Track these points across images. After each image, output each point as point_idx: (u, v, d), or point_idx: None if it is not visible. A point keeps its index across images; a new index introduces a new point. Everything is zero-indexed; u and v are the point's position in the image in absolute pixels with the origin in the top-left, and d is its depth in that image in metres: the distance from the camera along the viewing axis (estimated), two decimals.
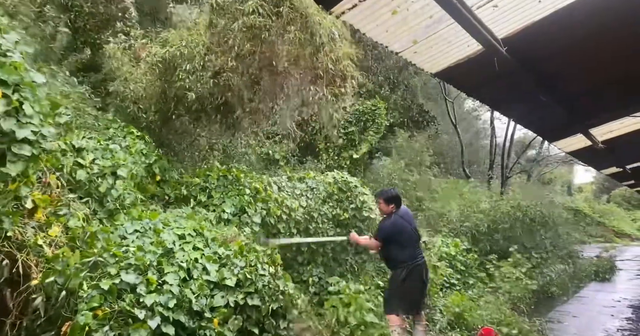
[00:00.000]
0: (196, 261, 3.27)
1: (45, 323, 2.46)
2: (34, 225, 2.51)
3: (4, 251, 2.30)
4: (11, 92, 2.27)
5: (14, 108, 2.24)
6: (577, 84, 5.24)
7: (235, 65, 4.84)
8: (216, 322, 2.97)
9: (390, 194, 4.68)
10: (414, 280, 4.34)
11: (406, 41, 4.11)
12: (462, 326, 5.68)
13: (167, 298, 2.83)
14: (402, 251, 4.39)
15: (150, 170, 4.54)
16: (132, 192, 3.82)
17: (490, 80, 4.93)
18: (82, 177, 3.25)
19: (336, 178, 6.19)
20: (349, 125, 11.10)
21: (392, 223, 4.46)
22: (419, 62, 4.59)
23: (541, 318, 6.38)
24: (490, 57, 4.05)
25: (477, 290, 7.30)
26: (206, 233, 3.76)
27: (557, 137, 8.20)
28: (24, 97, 2.30)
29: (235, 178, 5.05)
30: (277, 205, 5.09)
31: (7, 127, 2.19)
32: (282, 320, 3.25)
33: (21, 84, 2.32)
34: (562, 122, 6.68)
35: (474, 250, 9.01)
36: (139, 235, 3.37)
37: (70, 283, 2.48)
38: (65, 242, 2.67)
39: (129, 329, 2.54)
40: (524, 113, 6.52)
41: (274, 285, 3.33)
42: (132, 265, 2.87)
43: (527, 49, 4.15)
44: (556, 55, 4.37)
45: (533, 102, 5.44)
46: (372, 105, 11.25)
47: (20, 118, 2.26)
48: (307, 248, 5.52)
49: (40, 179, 2.69)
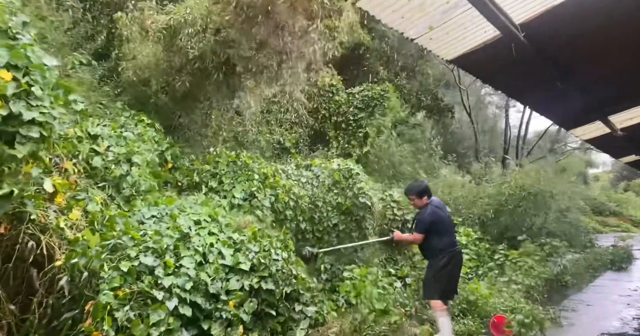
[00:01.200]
0: (211, 246, 3.34)
1: (70, 302, 2.55)
2: (55, 209, 2.58)
3: (28, 233, 2.39)
4: (21, 75, 2.29)
5: (24, 91, 2.27)
6: (597, 70, 5.10)
7: (232, 18, 4.80)
8: (232, 304, 3.05)
9: (421, 188, 4.69)
10: (453, 266, 4.42)
11: (422, 27, 4.04)
12: (474, 314, 5.69)
13: (184, 280, 2.91)
14: (441, 239, 4.43)
15: (163, 157, 4.62)
16: (147, 179, 3.89)
17: (507, 67, 4.83)
18: (97, 163, 3.33)
19: (340, 165, 6.18)
20: (359, 111, 10.99)
21: (430, 214, 4.48)
22: (435, 48, 4.52)
23: (555, 306, 6.36)
24: (507, 43, 3.97)
25: (489, 278, 7.27)
26: (220, 219, 3.83)
27: (574, 125, 8.04)
28: (34, 80, 2.33)
29: (244, 164, 5.11)
30: (285, 191, 5.14)
31: (16, 109, 2.21)
32: (295, 303, 3.31)
33: (30, 67, 2.34)
34: (580, 109, 6.53)
35: (486, 238, 8.96)
36: (156, 220, 3.46)
37: (92, 264, 2.56)
38: (85, 225, 2.75)
39: (148, 309, 2.62)
40: (540, 101, 6.39)
41: (287, 270, 3.39)
42: (150, 248, 2.95)
43: (545, 35, 4.04)
44: (575, 40, 4.24)
45: (550, 89, 5.32)
46: (382, 90, 11.10)
47: (30, 101, 2.28)
48: (313, 235, 5.56)
49: (58, 165, 2.75)
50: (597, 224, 19.66)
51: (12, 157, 2.19)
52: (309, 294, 3.44)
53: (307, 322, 3.30)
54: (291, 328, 3.24)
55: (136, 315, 2.56)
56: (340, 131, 10.90)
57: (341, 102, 11.07)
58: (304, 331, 3.23)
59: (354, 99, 11.12)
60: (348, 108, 11.00)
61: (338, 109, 11.03)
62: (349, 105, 11.05)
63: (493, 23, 3.73)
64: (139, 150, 3.72)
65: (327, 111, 11.00)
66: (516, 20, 3.83)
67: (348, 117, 10.90)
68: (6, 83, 2.21)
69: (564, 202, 10.35)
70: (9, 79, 2.22)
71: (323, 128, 10.99)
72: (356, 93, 11.20)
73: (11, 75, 2.24)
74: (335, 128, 10.94)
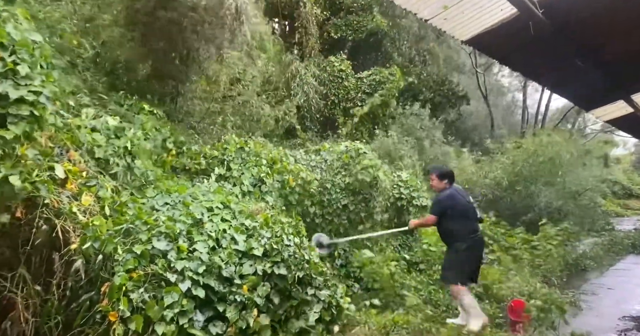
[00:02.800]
0: (224, 232, 3.37)
1: (87, 284, 2.62)
2: (68, 195, 2.63)
3: (43, 217, 2.44)
4: (8, 54, 2.23)
5: (10, 70, 2.22)
6: (620, 46, 4.87)
7: None
8: (245, 288, 3.07)
9: (444, 170, 4.64)
10: (473, 253, 4.33)
11: (436, 7, 3.92)
12: (490, 298, 5.64)
13: (197, 264, 2.94)
14: (461, 225, 4.32)
15: (165, 145, 4.57)
16: (153, 169, 3.90)
17: (524, 46, 4.67)
18: (100, 155, 3.34)
19: (347, 146, 6.13)
20: (367, 96, 10.88)
21: (447, 196, 4.39)
22: (449, 28, 4.39)
23: (574, 290, 6.25)
24: (525, 21, 3.82)
25: (505, 263, 7.18)
26: (233, 206, 3.85)
27: (594, 105, 7.76)
28: (21, 58, 2.26)
29: (252, 149, 5.10)
30: (293, 176, 5.12)
31: (2, 89, 2.16)
32: (308, 288, 3.32)
33: (16, 44, 2.28)
34: (602, 88, 6.30)
35: (502, 223, 8.82)
36: (169, 208, 3.50)
37: (106, 248, 2.60)
38: (97, 210, 2.79)
39: (162, 291, 2.66)
40: (559, 81, 6.18)
41: (300, 255, 3.39)
42: (162, 233, 2.99)
43: (564, 11, 3.86)
44: (597, 16, 4.04)
45: (569, 68, 5.13)
46: (389, 74, 10.95)
47: (18, 80, 2.22)
48: (323, 219, 5.56)
49: (62, 154, 2.78)
50: (619, 207, 19.15)
51: (3, 139, 2.15)
52: (322, 278, 3.44)
53: (320, 306, 3.30)
54: (304, 311, 3.25)
55: (151, 296, 2.60)
56: (349, 117, 10.83)
57: (350, 88, 10.97)
58: (317, 315, 3.24)
59: (362, 84, 11.01)
60: (356, 93, 10.90)
61: (347, 95, 10.94)
62: (357, 90, 10.95)
63: (510, 0, 3.60)
64: (138, 142, 3.69)
65: (337, 97, 10.92)
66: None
67: (356, 102, 10.82)
68: None
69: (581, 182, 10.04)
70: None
71: (332, 114, 10.93)
72: (364, 78, 11.08)
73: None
74: (344, 115, 10.87)
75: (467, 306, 4.20)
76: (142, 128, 4.00)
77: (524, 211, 9.18)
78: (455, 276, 4.32)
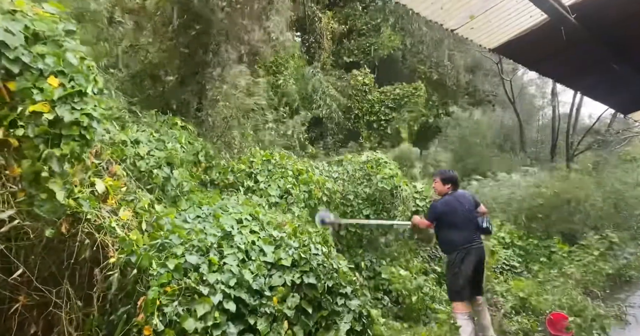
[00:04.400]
0: (253, 244, 3.42)
1: (125, 297, 2.72)
2: (108, 209, 2.77)
3: (85, 232, 2.58)
4: (67, 80, 2.45)
5: (69, 95, 2.43)
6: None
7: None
8: (275, 300, 3.10)
9: (448, 174, 4.57)
10: (468, 264, 4.17)
11: (462, 17, 3.95)
12: (528, 311, 5.42)
13: (228, 277, 3.00)
14: (455, 233, 4.22)
15: (197, 158, 4.75)
16: (188, 180, 4.07)
17: (556, 52, 4.59)
18: (142, 167, 3.52)
19: (369, 156, 6.14)
20: (390, 111, 10.93)
21: (443, 203, 4.33)
22: (476, 37, 4.39)
23: (619, 303, 5.91)
24: (556, 26, 3.77)
25: (542, 275, 6.88)
26: (261, 217, 3.92)
27: (633, 109, 7.49)
28: (79, 84, 2.48)
29: (278, 161, 5.20)
30: (319, 187, 5.17)
31: (61, 113, 2.37)
32: (338, 297, 3.31)
33: (74, 72, 2.50)
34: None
35: (535, 235, 8.49)
36: (200, 220, 3.61)
37: (142, 262, 2.71)
38: (135, 225, 2.92)
39: (194, 304, 2.72)
40: (593, 85, 6.01)
41: (328, 264, 3.40)
42: (195, 246, 3.08)
43: (598, 14, 3.78)
44: (632, 18, 3.94)
45: (604, 72, 5.00)
46: (413, 88, 10.98)
47: (75, 105, 2.43)
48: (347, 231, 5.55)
49: (107, 169, 2.95)
50: None
51: (52, 157, 2.33)
52: (351, 287, 3.41)
53: (351, 316, 3.28)
54: (335, 321, 3.24)
55: (184, 309, 2.67)
56: (373, 131, 10.89)
57: (374, 101, 11.05)
58: (348, 325, 3.21)
59: (385, 98, 11.08)
60: (380, 107, 10.98)
61: (371, 108, 11.03)
62: (380, 104, 11.03)
63: (540, 6, 3.57)
64: (176, 153, 3.88)
65: (360, 110, 11.01)
66: (565, 1, 3.64)
67: (380, 116, 10.89)
68: (54, 89, 2.38)
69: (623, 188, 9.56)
70: (56, 85, 2.39)
71: (356, 128, 11.01)
72: (388, 92, 11.15)
73: (58, 81, 2.42)
74: (367, 128, 10.93)
75: (460, 331, 3.99)
76: (178, 142, 4.20)
77: (560, 220, 8.80)
78: (456, 292, 4.17)
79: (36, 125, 2.32)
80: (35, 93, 2.34)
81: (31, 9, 2.53)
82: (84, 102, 2.45)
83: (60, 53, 2.48)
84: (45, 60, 2.42)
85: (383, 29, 12.37)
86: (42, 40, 2.47)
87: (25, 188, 2.34)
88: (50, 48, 2.47)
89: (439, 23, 4.10)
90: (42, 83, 2.38)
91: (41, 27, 2.47)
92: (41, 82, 2.38)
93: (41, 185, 2.35)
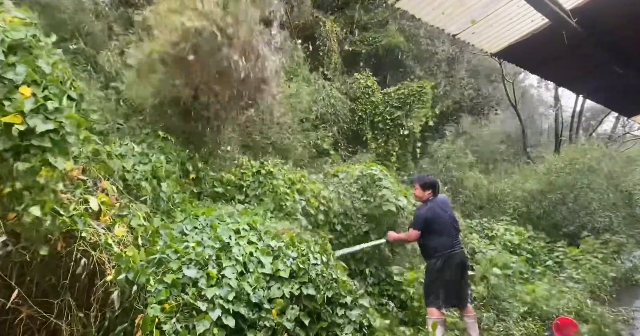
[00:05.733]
0: (251, 255, 3.39)
1: (122, 314, 2.69)
2: (102, 226, 2.75)
3: (80, 250, 2.56)
4: (40, 89, 2.35)
5: (42, 105, 2.32)
6: None
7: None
8: (274, 313, 3.06)
9: (428, 180, 4.52)
10: (451, 270, 4.15)
11: (463, 22, 3.97)
12: (535, 316, 5.36)
13: (227, 291, 2.96)
14: (437, 239, 4.22)
15: (184, 169, 4.60)
16: (178, 192, 4.01)
17: (557, 56, 4.61)
18: (129, 180, 3.43)
19: (362, 171, 5.96)
20: (395, 109, 10.85)
21: (427, 210, 4.30)
22: (477, 42, 4.41)
23: (626, 307, 5.83)
24: (557, 30, 3.79)
25: (547, 279, 6.81)
26: (259, 227, 3.89)
27: (636, 111, 7.47)
28: (53, 93, 2.38)
29: (268, 172, 5.07)
30: (314, 196, 5.09)
31: (33, 124, 2.25)
32: (338, 308, 3.27)
33: (47, 81, 2.40)
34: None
35: (541, 236, 8.43)
36: (197, 232, 3.57)
37: (139, 278, 2.68)
38: (130, 240, 2.89)
39: (193, 321, 2.69)
40: (596, 88, 6.00)
41: (327, 274, 3.36)
42: (192, 260, 3.04)
43: (599, 18, 3.79)
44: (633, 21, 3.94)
45: (607, 75, 5.00)
46: (418, 87, 10.90)
47: (48, 115, 2.32)
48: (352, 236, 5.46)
49: (96, 185, 2.92)
50: None
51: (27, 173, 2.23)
52: (351, 297, 3.37)
53: (352, 327, 3.23)
54: (336, 333, 3.19)
55: (182, 326, 2.63)
56: (378, 131, 10.82)
57: (377, 103, 11.00)
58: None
59: (389, 98, 11.02)
60: (385, 108, 10.91)
61: (375, 110, 10.98)
62: (385, 105, 10.97)
63: (541, 11, 3.58)
64: (160, 166, 3.81)
65: (364, 112, 10.97)
66: (567, 5, 3.64)
67: (385, 116, 10.81)
68: (25, 99, 2.27)
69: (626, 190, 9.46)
70: (28, 95, 2.30)
71: (361, 130, 10.97)
72: (392, 93, 11.10)
73: (30, 91, 2.32)
74: (372, 129, 10.87)
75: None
76: (162, 153, 4.12)
77: (565, 223, 8.72)
78: (432, 298, 4.14)
79: (8, 138, 2.21)
80: (6, 105, 2.23)
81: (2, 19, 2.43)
82: (59, 111, 2.36)
83: (31, 60, 2.38)
84: (17, 69, 2.31)
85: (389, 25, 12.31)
86: (14, 50, 2.37)
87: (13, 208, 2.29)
88: (21, 56, 2.37)
89: (440, 28, 4.10)
90: (14, 93, 2.27)
91: (13, 36, 2.36)
92: (13, 93, 2.27)
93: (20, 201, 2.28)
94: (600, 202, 8.69)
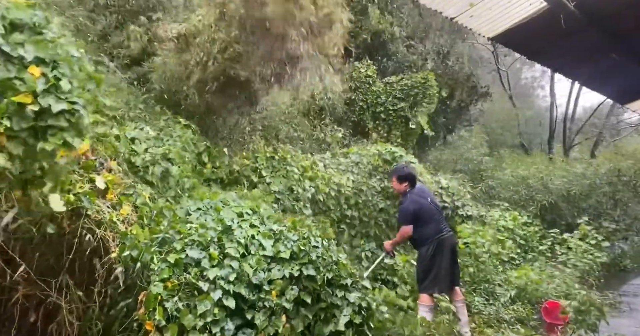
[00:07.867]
0: (253, 238, 3.43)
1: (125, 291, 2.74)
2: (108, 204, 2.77)
3: (85, 227, 2.59)
4: (50, 69, 2.30)
5: (53, 85, 2.28)
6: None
7: (237, 34, 4.66)
8: (274, 294, 3.12)
9: (403, 172, 4.55)
10: (443, 254, 4.23)
11: (462, 5, 3.94)
12: (524, 300, 5.50)
13: (228, 272, 3.00)
14: (425, 228, 4.28)
15: (201, 159, 4.68)
16: (189, 176, 4.04)
17: (555, 41, 4.59)
18: (138, 163, 3.47)
19: (379, 150, 6.09)
20: (398, 101, 10.78)
21: (411, 202, 4.35)
22: (476, 26, 4.38)
23: (614, 291, 6.01)
24: (556, 14, 3.77)
25: (539, 263, 6.97)
26: (262, 211, 3.93)
27: (631, 98, 7.51)
28: (62, 73, 2.34)
29: (282, 158, 5.17)
30: (324, 182, 5.16)
31: (45, 103, 2.22)
32: (337, 290, 3.33)
33: (58, 60, 2.36)
34: (638, 81, 6.10)
35: (536, 223, 8.55)
36: (201, 213, 3.60)
37: (143, 257, 2.72)
38: (135, 219, 2.92)
39: (195, 300, 2.74)
40: (592, 75, 6.01)
41: (328, 256, 3.41)
42: (195, 241, 3.08)
43: (598, 2, 3.78)
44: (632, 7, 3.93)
45: (603, 61, 5.01)
46: (422, 78, 10.81)
47: (59, 94, 2.28)
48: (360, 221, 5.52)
49: (102, 164, 2.93)
50: None
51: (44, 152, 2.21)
52: (351, 280, 3.44)
53: (350, 309, 3.30)
54: (334, 315, 3.26)
55: (184, 305, 2.68)
56: (380, 121, 10.75)
57: (379, 92, 10.89)
58: (347, 318, 3.23)
59: (392, 89, 10.90)
60: (387, 98, 10.81)
61: (376, 100, 10.87)
62: (387, 95, 10.86)
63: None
64: (175, 149, 3.82)
65: (365, 102, 10.86)
66: None
67: (387, 107, 10.72)
68: (36, 79, 2.24)
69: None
70: (38, 75, 2.26)
71: (362, 121, 10.89)
72: (394, 83, 10.98)
73: (40, 70, 2.28)
74: (374, 119, 10.80)
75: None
76: (180, 140, 4.12)
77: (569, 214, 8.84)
78: (426, 285, 4.22)
79: (21, 118, 2.19)
80: (18, 84, 2.19)
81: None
82: (70, 92, 2.32)
83: (39, 40, 2.34)
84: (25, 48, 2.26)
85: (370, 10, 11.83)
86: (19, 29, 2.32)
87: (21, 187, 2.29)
88: (28, 36, 2.32)
89: (438, 11, 4.07)
90: (23, 73, 2.23)
91: (16, 15, 2.31)
92: (22, 72, 2.23)
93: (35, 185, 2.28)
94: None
